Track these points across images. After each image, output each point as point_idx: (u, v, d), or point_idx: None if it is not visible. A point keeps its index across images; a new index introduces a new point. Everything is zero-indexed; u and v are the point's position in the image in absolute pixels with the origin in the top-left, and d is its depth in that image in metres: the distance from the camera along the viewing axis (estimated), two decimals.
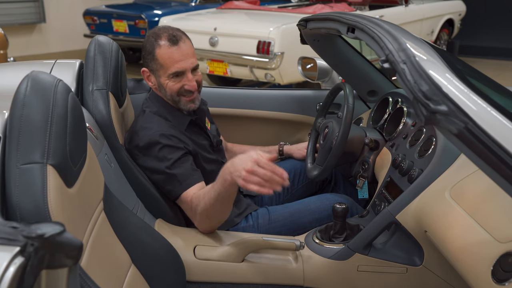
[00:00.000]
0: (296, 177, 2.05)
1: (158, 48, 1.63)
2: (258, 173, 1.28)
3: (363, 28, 1.32)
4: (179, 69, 1.63)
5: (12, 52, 4.83)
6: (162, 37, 1.63)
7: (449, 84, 0.92)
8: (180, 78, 1.66)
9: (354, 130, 1.86)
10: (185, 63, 1.63)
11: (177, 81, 1.66)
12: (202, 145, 1.77)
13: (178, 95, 1.69)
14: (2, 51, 4.03)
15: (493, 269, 1.05)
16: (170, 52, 1.62)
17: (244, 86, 5.77)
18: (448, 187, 1.33)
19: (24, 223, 0.66)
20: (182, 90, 1.67)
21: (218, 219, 1.56)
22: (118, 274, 1.17)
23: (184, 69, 1.64)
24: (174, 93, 1.68)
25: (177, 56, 1.62)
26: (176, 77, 1.65)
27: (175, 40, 1.61)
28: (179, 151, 1.63)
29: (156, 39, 1.64)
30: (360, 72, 2.18)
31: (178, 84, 1.66)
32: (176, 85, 1.66)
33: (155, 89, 1.75)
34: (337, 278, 1.54)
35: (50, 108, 0.95)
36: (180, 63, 1.63)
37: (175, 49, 1.61)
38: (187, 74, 1.65)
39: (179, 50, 1.62)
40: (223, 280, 1.52)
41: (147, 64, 1.70)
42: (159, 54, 1.63)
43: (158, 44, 1.63)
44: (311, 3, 6.31)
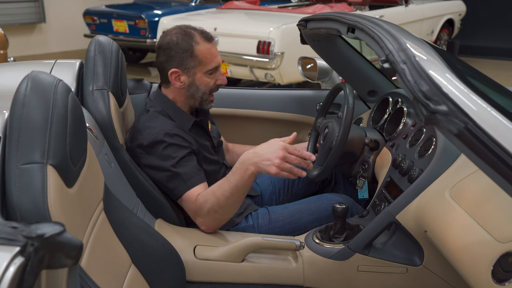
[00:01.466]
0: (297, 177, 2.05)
1: (197, 45, 1.65)
2: (289, 159, 1.36)
3: (363, 28, 1.32)
4: (218, 64, 1.70)
5: (12, 52, 4.83)
6: (196, 35, 1.66)
7: (449, 84, 0.92)
8: (214, 74, 1.70)
9: (354, 130, 1.86)
10: (219, 58, 1.71)
11: (211, 77, 1.70)
12: (205, 146, 1.77)
13: (209, 92, 1.73)
14: (2, 51, 4.04)
15: (493, 269, 1.05)
16: (209, 47, 1.67)
17: (244, 86, 5.77)
18: (448, 187, 1.33)
19: (24, 223, 0.66)
20: (214, 87, 1.72)
21: (227, 215, 1.57)
22: (118, 274, 1.17)
23: (220, 63, 1.71)
24: (208, 89, 1.72)
25: (214, 51, 1.68)
26: (211, 74, 1.70)
27: (209, 37, 1.68)
28: (183, 150, 1.63)
29: (191, 37, 1.66)
30: (360, 72, 2.18)
31: (212, 80, 1.71)
32: (211, 81, 1.71)
33: (180, 89, 1.71)
34: (337, 278, 1.54)
35: (50, 108, 0.95)
36: (218, 58, 1.70)
37: (212, 45, 1.68)
38: (219, 69, 1.71)
39: (214, 46, 1.69)
40: (223, 280, 1.52)
41: (179, 64, 1.67)
42: (199, 50, 1.66)
43: (196, 41, 1.65)
44: (311, 3, 6.31)
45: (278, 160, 1.37)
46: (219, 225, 1.60)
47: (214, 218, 1.56)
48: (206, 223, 1.58)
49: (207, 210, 1.54)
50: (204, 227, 1.60)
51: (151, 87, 2.14)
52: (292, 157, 1.37)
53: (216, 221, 1.58)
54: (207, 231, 1.61)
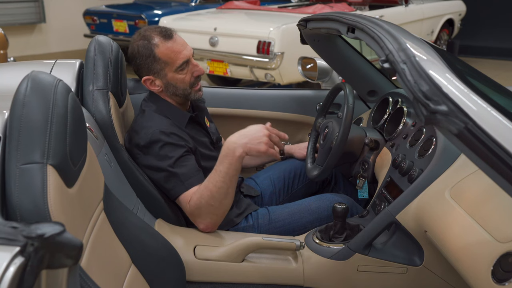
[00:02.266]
0: (296, 177, 2.05)
1: (157, 48, 1.64)
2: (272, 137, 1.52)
3: (363, 28, 1.32)
4: (185, 58, 1.66)
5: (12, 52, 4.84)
6: (154, 37, 1.64)
7: (449, 84, 0.92)
8: (186, 69, 1.68)
9: (354, 130, 1.86)
10: (187, 51, 1.67)
11: (184, 72, 1.68)
12: (203, 142, 1.77)
13: (190, 87, 1.71)
14: (2, 51, 4.04)
15: (493, 269, 1.05)
16: (170, 46, 1.64)
17: (244, 86, 5.77)
18: (448, 187, 1.33)
19: (24, 223, 0.66)
20: (192, 80, 1.70)
21: (223, 207, 1.57)
22: (118, 274, 1.17)
23: (187, 57, 1.67)
24: (187, 85, 1.70)
25: (177, 47, 1.65)
26: (182, 70, 1.68)
27: (168, 34, 1.65)
28: (180, 149, 1.63)
29: (149, 40, 1.65)
30: (360, 72, 2.18)
31: (187, 75, 1.69)
32: (187, 76, 1.69)
33: (160, 92, 1.73)
34: (337, 278, 1.54)
35: (50, 108, 0.95)
36: (182, 53, 1.66)
37: (172, 42, 1.64)
38: (191, 61, 1.69)
39: (176, 41, 1.65)
40: (223, 280, 1.52)
41: (147, 70, 1.68)
42: (160, 52, 1.64)
43: (154, 44, 1.64)
44: (311, 3, 6.31)
45: (266, 138, 1.50)
46: (217, 221, 1.60)
47: (211, 213, 1.57)
48: (204, 221, 1.58)
49: (203, 205, 1.55)
50: (203, 225, 1.59)
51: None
52: (273, 135, 1.53)
53: (213, 217, 1.58)
54: (206, 230, 1.61)
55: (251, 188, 1.97)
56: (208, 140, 1.81)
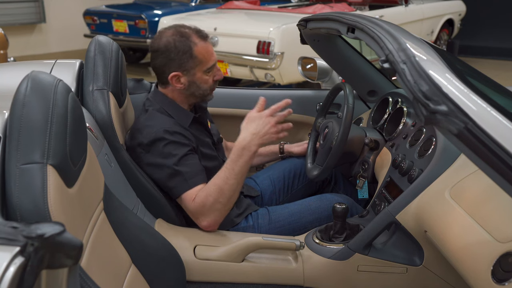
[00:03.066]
0: (296, 177, 2.06)
1: (195, 46, 1.66)
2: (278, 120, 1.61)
3: (363, 28, 1.32)
4: (215, 61, 1.73)
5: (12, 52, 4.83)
6: (192, 35, 1.67)
7: (449, 84, 0.92)
8: (211, 72, 1.73)
9: (354, 130, 1.86)
10: (215, 55, 1.74)
11: (209, 75, 1.72)
12: (205, 142, 1.78)
13: (210, 89, 1.76)
14: (2, 51, 4.04)
15: (493, 269, 1.05)
16: (206, 47, 1.69)
17: (244, 86, 5.77)
18: (448, 187, 1.33)
19: (24, 223, 0.66)
20: (213, 83, 1.75)
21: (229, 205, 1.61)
22: (118, 274, 1.17)
23: (216, 60, 1.74)
24: (208, 87, 1.74)
25: (211, 49, 1.71)
26: (209, 71, 1.72)
27: (205, 35, 1.70)
28: (184, 148, 1.64)
29: (188, 38, 1.66)
30: (360, 72, 2.18)
31: (211, 77, 1.73)
32: (210, 79, 1.73)
33: (180, 91, 1.72)
34: (337, 278, 1.54)
35: (50, 108, 0.95)
36: (214, 55, 1.73)
37: (208, 44, 1.70)
38: (216, 65, 1.74)
39: (210, 44, 1.72)
40: (223, 280, 1.52)
41: (178, 66, 1.67)
42: (197, 51, 1.67)
43: (193, 42, 1.66)
44: (311, 3, 6.31)
45: (274, 128, 1.58)
46: (220, 219, 1.61)
47: (216, 210, 1.58)
48: (207, 218, 1.58)
49: (209, 203, 1.56)
50: (206, 223, 1.59)
51: (151, 87, 2.14)
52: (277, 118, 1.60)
53: (218, 214, 1.59)
54: (208, 229, 1.61)
55: (251, 189, 1.97)
56: (210, 141, 1.82)
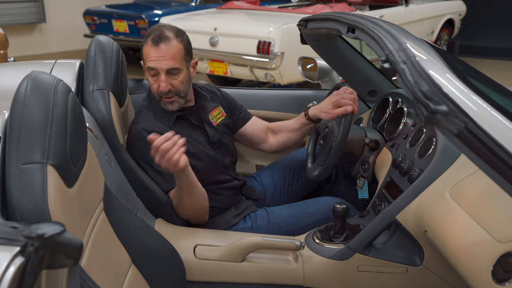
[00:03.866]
0: (296, 174, 2.06)
1: (145, 44, 1.68)
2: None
3: (363, 28, 1.32)
4: (151, 66, 1.66)
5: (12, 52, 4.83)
6: (150, 35, 1.67)
7: (449, 84, 0.92)
8: (156, 78, 1.69)
9: (354, 130, 1.86)
10: (159, 63, 1.65)
11: (154, 79, 1.70)
12: (196, 141, 1.77)
13: (158, 95, 1.72)
14: (2, 51, 4.03)
15: (493, 269, 1.05)
16: (149, 50, 1.66)
17: (244, 86, 5.77)
18: (448, 187, 1.33)
19: (24, 223, 0.66)
20: (159, 91, 1.69)
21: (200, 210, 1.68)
22: (118, 274, 1.17)
23: (156, 67, 1.65)
24: (154, 91, 1.72)
25: (153, 55, 1.65)
26: (153, 76, 1.69)
27: (157, 40, 1.64)
28: None
29: (147, 35, 1.68)
30: (360, 72, 2.18)
31: (156, 83, 1.69)
32: (155, 84, 1.70)
33: None
34: (337, 278, 1.54)
35: (50, 108, 0.95)
36: (154, 61, 1.65)
37: (154, 48, 1.65)
38: (160, 75, 1.67)
39: (157, 50, 1.64)
40: (223, 280, 1.52)
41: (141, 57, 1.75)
42: (143, 49, 1.69)
43: (145, 40, 1.68)
44: (311, 3, 6.31)
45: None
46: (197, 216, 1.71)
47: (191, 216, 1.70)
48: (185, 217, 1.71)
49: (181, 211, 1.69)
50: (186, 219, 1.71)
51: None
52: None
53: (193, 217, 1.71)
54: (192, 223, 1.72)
55: (253, 191, 1.96)
56: (205, 139, 1.80)
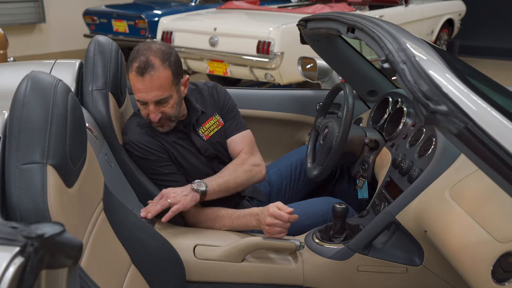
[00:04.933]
0: (302, 171, 2.06)
1: (130, 72, 1.59)
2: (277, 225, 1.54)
3: (363, 28, 1.32)
4: (140, 99, 1.60)
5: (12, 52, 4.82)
6: (135, 61, 1.56)
7: (449, 84, 0.92)
8: (145, 106, 1.62)
9: (354, 130, 1.86)
10: (147, 95, 1.57)
11: (143, 107, 1.63)
12: (188, 150, 1.74)
13: (149, 121, 1.66)
14: (2, 51, 4.03)
15: (493, 269, 1.05)
16: (134, 80, 1.57)
17: (244, 86, 5.77)
18: (448, 187, 1.33)
19: (24, 223, 0.66)
20: (149, 118, 1.64)
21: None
22: (118, 274, 1.17)
23: (145, 100, 1.59)
24: (144, 116, 1.66)
25: (139, 86, 1.57)
26: (142, 104, 1.62)
27: (142, 70, 1.54)
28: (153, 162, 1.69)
29: (131, 60, 1.58)
30: (360, 72, 2.18)
31: (145, 110, 1.63)
32: (144, 111, 1.64)
33: None
34: (337, 278, 1.54)
35: (50, 108, 0.95)
36: (141, 93, 1.58)
37: (139, 80, 1.56)
38: (150, 105, 1.60)
39: (143, 82, 1.55)
40: (223, 280, 1.52)
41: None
42: (129, 76, 1.61)
43: (130, 66, 1.58)
44: (311, 3, 6.30)
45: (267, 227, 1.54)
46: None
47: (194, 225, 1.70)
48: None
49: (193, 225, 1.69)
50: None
51: None
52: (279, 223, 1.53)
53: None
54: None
55: (259, 192, 1.96)
56: (197, 150, 1.76)
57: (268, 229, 1.53)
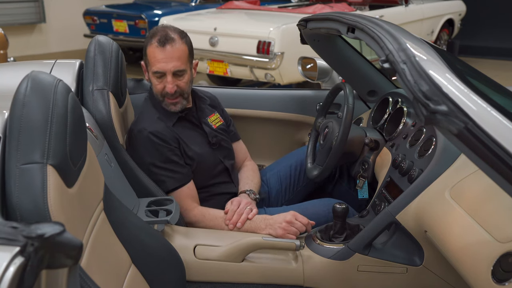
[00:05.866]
0: (302, 172, 2.06)
1: (149, 46, 1.69)
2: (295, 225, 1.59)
3: (363, 28, 1.32)
4: (159, 69, 1.68)
5: (12, 52, 4.83)
6: (155, 36, 1.68)
7: (449, 84, 0.92)
8: (162, 79, 1.70)
9: (354, 130, 1.86)
10: (166, 65, 1.67)
11: (159, 81, 1.71)
12: (196, 141, 1.79)
13: (161, 96, 1.73)
14: (2, 51, 4.03)
15: (493, 269, 1.05)
16: (155, 51, 1.67)
17: (244, 86, 5.77)
18: (448, 187, 1.33)
19: (24, 223, 0.66)
20: (164, 92, 1.71)
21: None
22: (118, 274, 1.17)
23: (163, 70, 1.68)
24: (158, 92, 1.73)
25: (160, 56, 1.66)
26: (158, 77, 1.70)
27: (164, 41, 1.66)
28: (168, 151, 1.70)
29: (151, 36, 1.69)
30: (360, 72, 2.18)
31: (161, 84, 1.71)
32: (159, 85, 1.71)
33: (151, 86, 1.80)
34: (337, 278, 1.54)
35: (50, 108, 0.95)
36: (161, 64, 1.67)
37: (160, 50, 1.66)
38: (167, 76, 1.69)
39: (164, 51, 1.66)
40: (223, 280, 1.52)
41: (144, 57, 1.75)
42: (148, 51, 1.69)
43: (150, 41, 1.68)
44: (311, 3, 6.31)
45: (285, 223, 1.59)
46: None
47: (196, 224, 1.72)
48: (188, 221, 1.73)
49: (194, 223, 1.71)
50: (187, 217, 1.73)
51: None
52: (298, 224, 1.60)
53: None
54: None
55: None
56: (205, 140, 1.82)
57: (285, 226, 1.58)
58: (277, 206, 1.94)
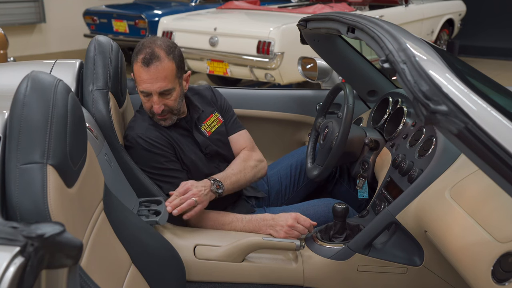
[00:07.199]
0: (302, 172, 2.06)
1: (135, 63, 1.62)
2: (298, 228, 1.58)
3: (363, 28, 1.32)
4: (144, 90, 1.62)
5: (12, 52, 4.83)
6: (140, 54, 1.60)
7: (449, 84, 0.92)
8: (149, 98, 1.65)
9: (354, 130, 1.86)
10: (152, 86, 1.60)
11: (146, 99, 1.65)
12: (190, 148, 1.75)
13: (150, 113, 1.69)
14: (2, 51, 4.03)
15: (493, 269, 1.05)
16: (140, 71, 1.60)
17: (244, 86, 5.77)
18: (448, 187, 1.33)
19: (24, 223, 0.66)
20: (152, 110, 1.66)
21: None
22: (118, 274, 1.17)
23: (149, 91, 1.61)
24: (146, 109, 1.69)
25: (144, 77, 1.60)
26: (145, 96, 1.65)
27: (148, 61, 1.58)
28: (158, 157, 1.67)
29: (137, 53, 1.62)
30: (360, 72, 2.18)
31: (148, 103, 1.66)
32: (147, 104, 1.66)
33: None
34: (337, 278, 1.54)
35: (50, 108, 0.95)
36: (146, 84, 1.60)
37: (144, 70, 1.59)
38: (153, 96, 1.62)
39: (148, 72, 1.58)
40: (223, 280, 1.52)
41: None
42: (134, 68, 1.63)
43: (135, 58, 1.61)
44: (311, 3, 6.30)
45: (287, 227, 1.56)
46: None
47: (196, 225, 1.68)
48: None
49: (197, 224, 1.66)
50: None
51: None
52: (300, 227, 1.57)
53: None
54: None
55: (257, 191, 1.96)
56: (198, 147, 1.77)
57: (287, 230, 1.56)
58: (277, 206, 1.94)
